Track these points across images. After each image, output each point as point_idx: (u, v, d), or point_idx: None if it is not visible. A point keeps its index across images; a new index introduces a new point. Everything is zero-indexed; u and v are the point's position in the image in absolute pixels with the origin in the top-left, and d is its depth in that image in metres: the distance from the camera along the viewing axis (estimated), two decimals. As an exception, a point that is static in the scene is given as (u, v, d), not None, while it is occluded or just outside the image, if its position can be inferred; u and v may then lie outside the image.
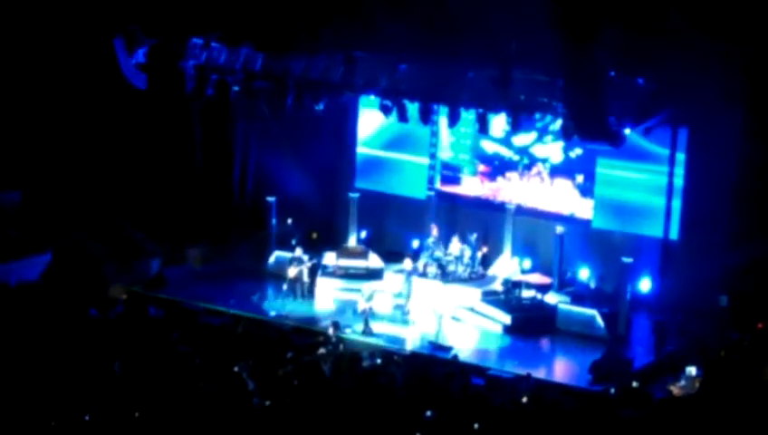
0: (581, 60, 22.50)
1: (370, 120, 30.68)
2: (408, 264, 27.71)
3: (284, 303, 27.71)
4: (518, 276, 28.09)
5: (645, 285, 27.92)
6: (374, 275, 28.83)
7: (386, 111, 26.95)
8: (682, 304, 27.34)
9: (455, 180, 30.35)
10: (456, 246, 28.75)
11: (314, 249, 29.23)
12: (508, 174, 29.44)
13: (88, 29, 26.75)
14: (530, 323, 26.63)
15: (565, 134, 25.57)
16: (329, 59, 26.88)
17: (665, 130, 26.70)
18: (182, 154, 30.78)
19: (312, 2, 26.14)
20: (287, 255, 28.90)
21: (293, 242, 29.80)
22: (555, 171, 28.86)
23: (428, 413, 19.45)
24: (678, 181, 27.19)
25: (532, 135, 28.78)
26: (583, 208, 28.58)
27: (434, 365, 23.49)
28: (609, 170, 28.09)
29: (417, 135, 30.14)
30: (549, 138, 28.61)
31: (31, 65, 27.82)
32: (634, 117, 24.76)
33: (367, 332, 25.65)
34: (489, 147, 29.56)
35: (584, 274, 28.51)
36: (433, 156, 30.43)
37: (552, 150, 28.79)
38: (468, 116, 26.80)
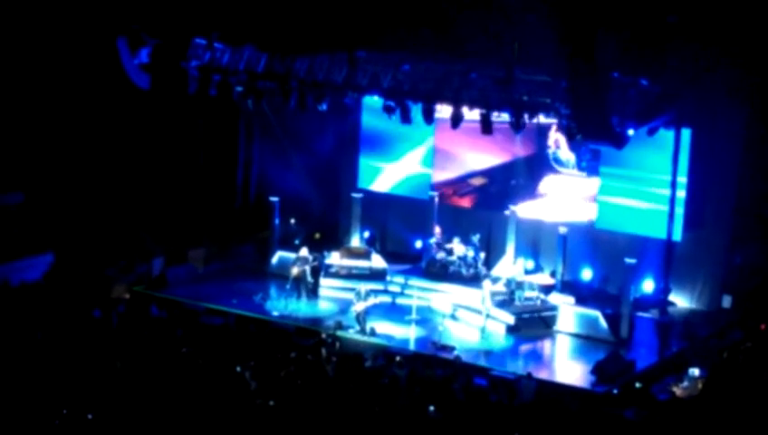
0: (584, 62, 22.48)
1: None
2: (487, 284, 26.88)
3: (287, 303, 27.67)
4: (522, 277, 28.04)
5: (648, 285, 27.90)
6: (377, 275, 28.84)
7: (389, 111, 26.93)
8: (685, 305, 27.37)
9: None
10: (458, 247, 28.75)
11: (317, 250, 29.21)
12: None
13: (91, 29, 26.71)
14: (533, 323, 26.62)
15: (568, 134, 25.57)
16: (332, 59, 26.88)
17: (668, 131, 26.67)
18: (185, 154, 30.77)
19: (316, 2, 26.11)
20: (290, 255, 28.88)
21: (297, 242, 29.78)
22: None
23: (431, 408, 19.50)
24: (682, 182, 27.16)
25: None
26: (586, 212, 28.60)
27: (436, 365, 23.49)
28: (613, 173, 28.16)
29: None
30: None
31: (34, 65, 27.79)
32: (637, 118, 24.73)
33: (368, 332, 25.60)
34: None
35: (587, 274, 28.51)
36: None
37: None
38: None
